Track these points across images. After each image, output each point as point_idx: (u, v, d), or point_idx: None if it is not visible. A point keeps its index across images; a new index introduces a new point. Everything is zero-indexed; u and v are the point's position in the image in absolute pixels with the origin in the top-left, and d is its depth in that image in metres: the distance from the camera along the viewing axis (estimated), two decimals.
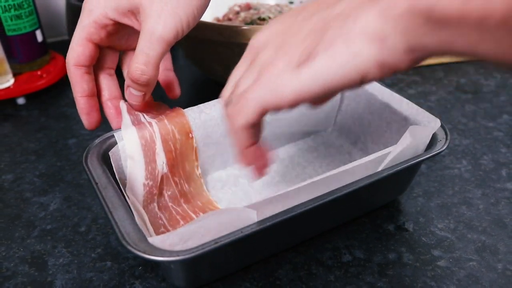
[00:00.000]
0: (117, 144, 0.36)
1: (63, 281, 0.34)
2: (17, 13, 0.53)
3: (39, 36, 0.56)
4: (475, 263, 0.35)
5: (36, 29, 0.56)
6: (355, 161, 0.34)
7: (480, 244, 0.37)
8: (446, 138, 0.37)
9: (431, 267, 0.35)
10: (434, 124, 0.37)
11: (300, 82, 0.24)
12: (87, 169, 0.34)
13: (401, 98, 0.41)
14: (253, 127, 0.27)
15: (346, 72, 0.23)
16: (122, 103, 0.38)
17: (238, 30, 0.46)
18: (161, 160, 0.37)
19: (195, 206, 0.39)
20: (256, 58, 0.27)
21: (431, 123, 0.38)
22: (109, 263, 0.35)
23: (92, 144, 0.36)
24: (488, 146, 0.48)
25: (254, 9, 0.58)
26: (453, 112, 0.54)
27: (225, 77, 0.53)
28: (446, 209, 0.40)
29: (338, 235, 0.38)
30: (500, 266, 0.35)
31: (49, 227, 0.39)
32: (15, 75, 0.56)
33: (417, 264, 0.35)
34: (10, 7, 0.52)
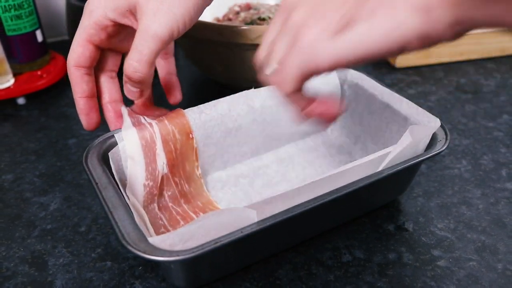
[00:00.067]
0: (118, 145, 0.36)
1: (63, 281, 0.34)
2: (17, 13, 0.53)
3: (39, 36, 0.56)
4: (475, 263, 0.35)
5: (36, 29, 0.56)
6: (355, 161, 0.34)
7: (480, 244, 0.37)
8: (446, 138, 0.37)
9: (431, 267, 0.35)
10: (434, 124, 0.37)
11: (338, 50, 0.24)
12: (87, 169, 0.34)
13: (401, 98, 0.41)
14: (302, 82, 0.27)
15: (386, 42, 0.23)
16: (124, 108, 0.38)
17: (238, 30, 0.46)
18: (162, 161, 0.37)
19: (195, 206, 0.39)
20: (289, 18, 0.27)
21: (431, 123, 0.38)
22: (109, 263, 0.35)
23: (92, 144, 0.36)
24: (488, 146, 0.48)
25: (254, 9, 0.58)
26: (453, 112, 0.54)
27: (225, 77, 0.54)
28: (446, 209, 0.40)
29: (338, 235, 0.38)
30: (500, 266, 0.35)
31: (49, 227, 0.39)
32: (15, 75, 0.56)
33: (417, 264, 0.35)
34: (10, 7, 0.52)
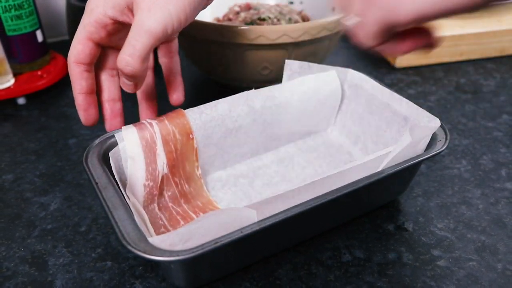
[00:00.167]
0: (118, 145, 0.36)
1: (63, 281, 0.34)
2: (18, 13, 0.53)
3: (40, 36, 0.56)
4: (475, 263, 0.35)
5: (37, 29, 0.56)
6: (355, 161, 0.34)
7: (480, 244, 0.37)
8: (446, 138, 0.37)
9: (431, 267, 0.35)
10: (434, 124, 0.37)
11: (418, 6, 0.25)
12: (87, 169, 0.34)
13: (401, 98, 0.41)
14: (384, 37, 0.28)
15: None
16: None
17: (238, 30, 0.46)
18: (162, 161, 0.37)
19: (195, 206, 0.39)
20: None
21: (431, 123, 0.38)
22: (109, 263, 0.36)
23: (92, 144, 0.36)
24: (488, 146, 0.48)
25: (254, 9, 0.58)
26: (453, 112, 0.54)
27: (225, 77, 0.54)
28: (446, 209, 0.40)
29: (338, 235, 0.38)
30: (500, 266, 0.35)
31: (50, 227, 0.39)
32: (16, 75, 0.56)
33: (417, 264, 0.35)
34: (11, 7, 0.52)
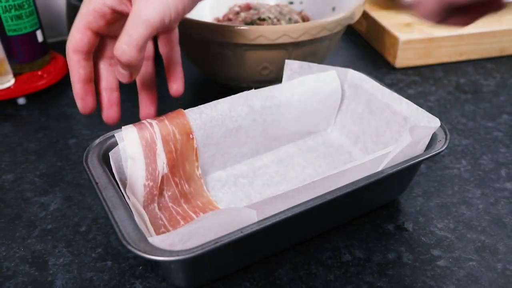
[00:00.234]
0: (118, 145, 0.36)
1: (64, 281, 0.34)
2: (18, 14, 0.53)
3: (40, 36, 0.56)
4: (475, 263, 0.35)
5: (37, 29, 0.56)
6: (355, 161, 0.34)
7: (480, 244, 0.37)
8: (446, 138, 0.37)
9: (431, 267, 0.35)
10: (434, 124, 0.37)
11: None
12: (87, 169, 0.34)
13: (401, 98, 0.41)
14: (446, 13, 0.30)
15: None
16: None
17: (238, 30, 0.46)
18: (162, 161, 0.37)
19: (195, 206, 0.39)
20: None
21: (431, 123, 0.38)
22: (110, 263, 0.36)
23: (93, 144, 0.36)
24: (488, 146, 0.48)
25: (254, 9, 0.58)
26: (453, 112, 0.54)
27: (225, 77, 0.54)
28: (446, 209, 0.40)
29: (338, 235, 0.38)
30: (500, 266, 0.35)
31: (50, 227, 0.39)
32: (16, 75, 0.56)
33: (417, 264, 0.35)
34: (11, 8, 0.52)
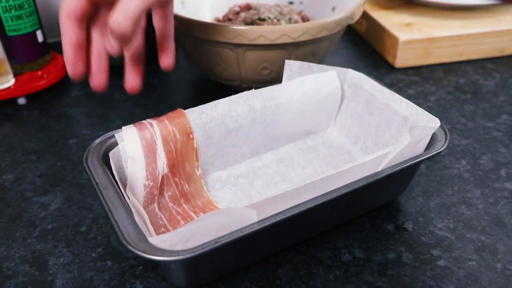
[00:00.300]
0: (118, 145, 0.36)
1: (64, 281, 0.34)
2: (18, 14, 0.53)
3: (40, 37, 0.56)
4: (475, 263, 0.35)
5: (37, 30, 0.56)
6: (355, 161, 0.34)
7: (480, 244, 0.37)
8: (446, 138, 0.37)
9: (431, 267, 0.35)
10: (434, 124, 0.37)
11: None
12: (88, 169, 0.34)
13: (401, 98, 0.41)
14: None
15: None
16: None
17: (238, 30, 0.46)
18: (162, 161, 0.37)
19: (195, 206, 0.39)
20: None
21: (431, 123, 0.38)
22: (110, 263, 0.36)
23: (93, 144, 0.36)
24: (487, 146, 0.48)
25: (254, 10, 0.58)
26: (453, 112, 0.54)
27: (225, 77, 0.54)
28: (446, 209, 0.40)
29: (338, 235, 0.38)
30: (500, 266, 0.35)
31: (50, 227, 0.39)
32: (16, 75, 0.56)
33: (417, 264, 0.35)
34: (11, 8, 0.52)
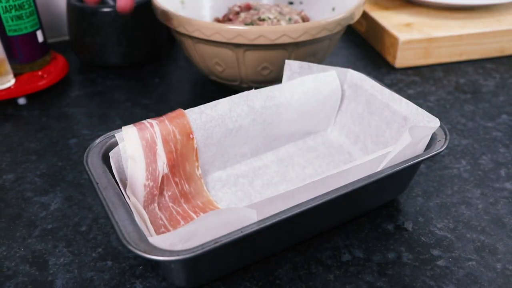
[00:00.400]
0: (118, 145, 0.36)
1: (64, 281, 0.34)
2: (18, 14, 0.53)
3: (40, 37, 0.56)
4: (474, 263, 0.35)
5: (37, 30, 0.56)
6: (355, 161, 0.34)
7: (479, 244, 0.37)
8: (446, 138, 0.37)
9: (430, 267, 0.35)
10: (434, 124, 0.37)
11: None
12: (88, 169, 0.34)
13: (401, 98, 0.41)
14: None
15: None
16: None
17: (238, 30, 0.46)
18: (162, 161, 0.37)
19: (196, 206, 0.39)
20: None
21: (431, 123, 0.38)
22: (110, 263, 0.36)
23: (93, 144, 0.36)
24: (487, 146, 0.48)
25: (254, 10, 0.58)
26: (452, 112, 0.54)
27: (225, 77, 0.54)
28: (445, 209, 0.40)
29: (338, 235, 0.38)
30: (499, 266, 0.35)
31: (50, 227, 0.39)
32: (16, 75, 0.56)
33: (416, 264, 0.35)
34: (11, 8, 0.52)
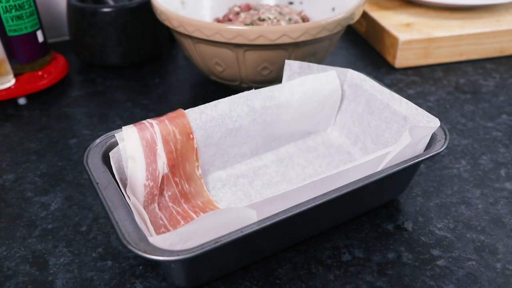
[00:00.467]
0: (118, 145, 0.36)
1: (64, 281, 0.34)
2: (18, 14, 0.53)
3: (40, 37, 0.56)
4: (474, 263, 0.35)
5: (37, 30, 0.56)
6: (355, 161, 0.34)
7: (479, 244, 0.37)
8: (445, 138, 0.37)
9: (430, 267, 0.35)
10: (434, 124, 0.37)
11: None
12: (88, 169, 0.34)
13: (401, 98, 0.41)
14: None
15: None
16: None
17: (238, 30, 0.46)
18: (162, 161, 0.37)
19: (196, 206, 0.39)
20: None
21: (431, 123, 0.38)
22: (110, 263, 0.36)
23: (93, 144, 0.36)
24: (487, 146, 0.48)
25: (254, 10, 0.58)
26: (452, 112, 0.54)
27: (225, 77, 0.54)
28: (445, 209, 0.40)
29: (338, 235, 0.38)
30: (499, 266, 0.35)
31: (50, 227, 0.39)
32: (16, 76, 0.56)
33: (416, 264, 0.35)
34: (11, 8, 0.52)
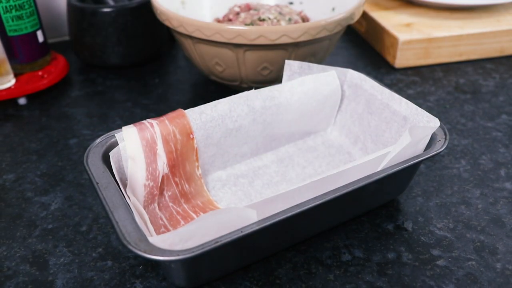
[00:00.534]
0: (118, 145, 0.36)
1: (64, 280, 0.34)
2: (18, 14, 0.53)
3: (40, 37, 0.56)
4: (474, 263, 0.35)
5: (37, 30, 0.56)
6: (355, 161, 0.34)
7: (479, 244, 0.37)
8: (445, 138, 0.37)
9: (430, 267, 0.35)
10: (433, 124, 0.37)
11: None
12: (88, 169, 0.34)
13: (401, 98, 0.41)
14: None
15: None
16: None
17: (238, 30, 0.46)
18: (162, 161, 0.37)
19: (196, 206, 0.39)
20: None
21: (430, 123, 0.38)
22: (110, 263, 0.36)
23: (93, 144, 0.36)
24: (487, 146, 0.48)
25: (254, 10, 0.58)
26: (452, 112, 0.54)
27: (225, 77, 0.54)
28: (445, 209, 0.40)
29: (338, 235, 0.38)
30: (499, 266, 0.35)
31: (50, 227, 0.39)
32: (16, 76, 0.56)
33: (416, 264, 0.35)
34: (11, 8, 0.52)
